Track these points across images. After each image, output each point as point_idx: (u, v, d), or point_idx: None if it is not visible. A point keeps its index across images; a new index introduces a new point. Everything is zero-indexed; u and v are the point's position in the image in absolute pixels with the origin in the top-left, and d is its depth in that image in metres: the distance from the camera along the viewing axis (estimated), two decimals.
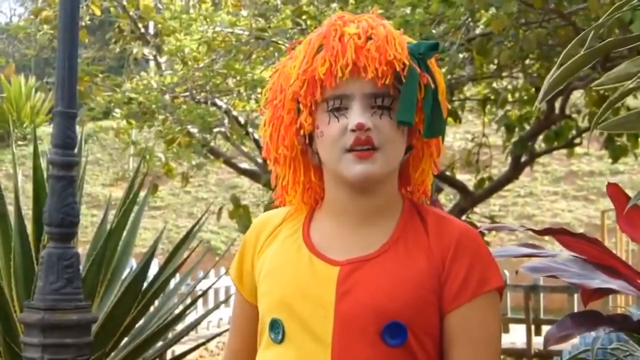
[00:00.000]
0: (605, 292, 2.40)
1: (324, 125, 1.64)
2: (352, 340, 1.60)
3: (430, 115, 1.65)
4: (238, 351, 1.81)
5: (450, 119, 7.03)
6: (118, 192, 14.66)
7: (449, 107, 6.75)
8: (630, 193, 2.13)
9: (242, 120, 7.69)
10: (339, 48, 1.61)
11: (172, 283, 5.79)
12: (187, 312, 4.89)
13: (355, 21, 1.66)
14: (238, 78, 7.25)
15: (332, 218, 1.69)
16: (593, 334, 3.00)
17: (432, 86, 1.65)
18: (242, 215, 7.21)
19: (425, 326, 1.63)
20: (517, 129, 7.19)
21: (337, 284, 1.63)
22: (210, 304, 9.95)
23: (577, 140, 7.41)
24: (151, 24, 8.76)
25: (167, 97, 7.41)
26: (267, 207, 6.03)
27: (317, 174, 1.71)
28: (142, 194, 4.90)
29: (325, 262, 1.65)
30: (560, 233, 2.40)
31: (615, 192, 2.43)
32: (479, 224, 7.42)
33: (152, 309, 4.72)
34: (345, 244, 1.66)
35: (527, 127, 7.22)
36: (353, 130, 1.60)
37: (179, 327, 5.54)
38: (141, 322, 4.52)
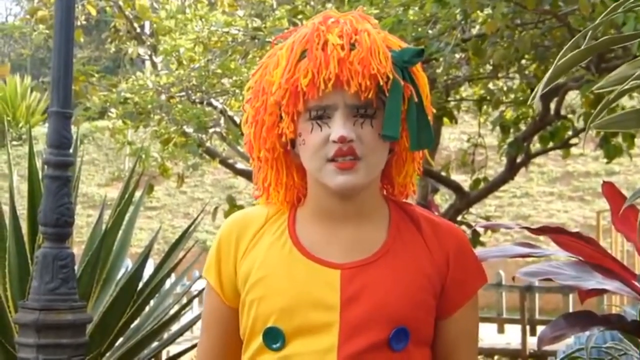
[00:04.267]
0: (601, 291, 2.41)
1: (307, 133, 1.62)
2: (359, 345, 1.60)
3: (415, 127, 1.63)
4: (215, 354, 1.76)
5: (446, 120, 7.04)
6: (114, 192, 14.64)
7: (446, 107, 6.79)
8: (626, 194, 2.14)
9: (238, 120, 7.68)
10: (322, 59, 1.58)
11: (168, 283, 5.78)
12: (183, 312, 4.88)
13: (340, 23, 1.63)
14: (234, 78, 7.25)
15: (319, 220, 1.67)
16: (587, 333, 3.00)
17: (416, 99, 1.63)
18: None
19: (424, 328, 1.65)
20: (512, 130, 7.18)
21: (341, 288, 1.61)
22: None
23: (573, 141, 7.41)
24: (147, 24, 8.75)
25: (162, 97, 7.40)
26: None
27: (299, 174, 1.69)
28: (138, 194, 4.89)
29: (323, 266, 1.64)
30: (555, 232, 2.40)
31: (610, 191, 2.43)
32: (474, 224, 7.44)
33: (147, 309, 4.71)
34: (340, 247, 1.65)
35: (523, 128, 7.22)
36: (335, 142, 1.59)
37: (175, 327, 5.53)
38: (136, 322, 4.51)
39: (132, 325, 4.46)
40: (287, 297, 1.62)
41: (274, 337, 1.63)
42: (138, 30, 8.48)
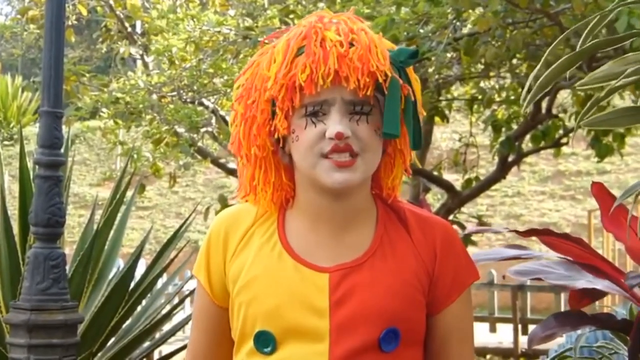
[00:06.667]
0: (593, 297, 2.41)
1: (300, 129, 1.60)
2: (349, 347, 1.59)
3: (412, 126, 1.63)
4: (204, 352, 1.75)
5: (438, 119, 7.05)
6: (105, 192, 14.62)
7: (437, 106, 6.80)
8: (617, 192, 2.14)
9: (229, 119, 7.67)
10: (320, 55, 1.57)
11: (160, 283, 5.77)
12: (175, 312, 4.88)
13: (335, 23, 1.62)
14: (225, 77, 7.25)
15: (308, 222, 1.66)
16: (579, 332, 3.01)
17: (413, 99, 1.63)
18: None
19: (414, 328, 1.65)
20: (504, 129, 7.19)
21: (330, 291, 1.61)
22: None
23: (564, 140, 7.42)
24: (138, 24, 8.74)
25: (154, 96, 7.40)
26: None
27: (287, 174, 1.68)
28: (130, 193, 4.89)
29: (312, 269, 1.63)
30: (544, 234, 2.41)
31: (599, 191, 2.43)
32: (466, 223, 7.45)
33: (139, 309, 4.70)
34: (329, 250, 1.64)
35: (515, 127, 7.23)
36: (331, 138, 1.58)
37: (166, 327, 5.53)
38: (128, 322, 4.51)
39: (124, 325, 4.45)
40: (277, 300, 1.62)
41: (264, 341, 1.62)
42: (129, 29, 8.47)
